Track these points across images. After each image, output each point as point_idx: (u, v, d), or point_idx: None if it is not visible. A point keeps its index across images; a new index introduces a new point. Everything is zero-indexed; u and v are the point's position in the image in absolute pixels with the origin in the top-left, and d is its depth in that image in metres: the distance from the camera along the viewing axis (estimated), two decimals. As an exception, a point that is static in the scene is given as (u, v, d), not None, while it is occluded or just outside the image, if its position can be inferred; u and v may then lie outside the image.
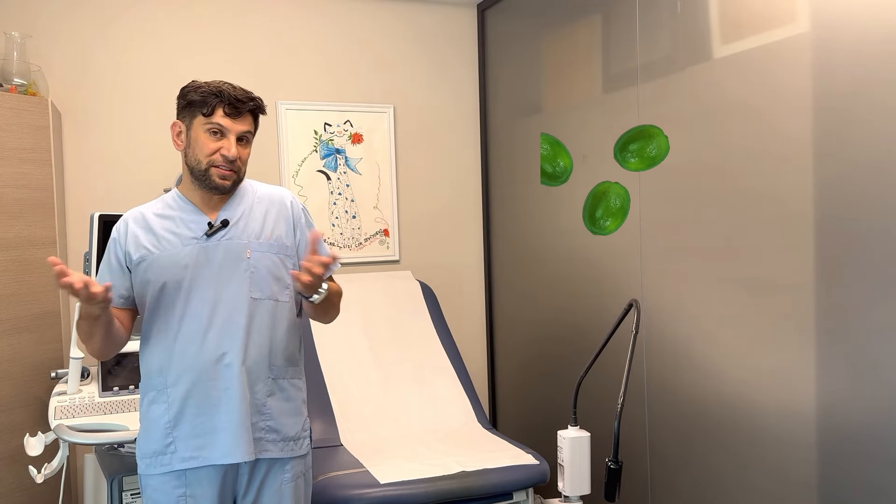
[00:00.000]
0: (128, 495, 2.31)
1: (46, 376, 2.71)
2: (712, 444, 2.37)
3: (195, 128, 1.83)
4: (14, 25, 2.93)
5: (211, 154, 1.81)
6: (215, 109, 1.80)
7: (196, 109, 1.82)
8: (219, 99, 1.80)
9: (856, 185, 1.89)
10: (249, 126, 1.86)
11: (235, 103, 1.81)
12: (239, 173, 1.86)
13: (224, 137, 1.82)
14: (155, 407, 1.86)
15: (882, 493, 1.86)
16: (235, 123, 1.82)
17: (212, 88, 1.81)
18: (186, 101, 1.83)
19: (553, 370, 3.20)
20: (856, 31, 1.87)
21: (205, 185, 1.84)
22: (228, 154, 1.81)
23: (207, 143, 1.81)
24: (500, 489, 2.44)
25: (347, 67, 3.48)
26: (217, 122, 1.80)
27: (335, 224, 3.47)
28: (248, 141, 1.87)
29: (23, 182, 2.64)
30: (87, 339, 1.81)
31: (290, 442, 1.91)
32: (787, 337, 2.10)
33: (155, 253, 1.84)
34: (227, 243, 1.86)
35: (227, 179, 1.84)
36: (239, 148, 1.83)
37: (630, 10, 2.63)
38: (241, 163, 1.85)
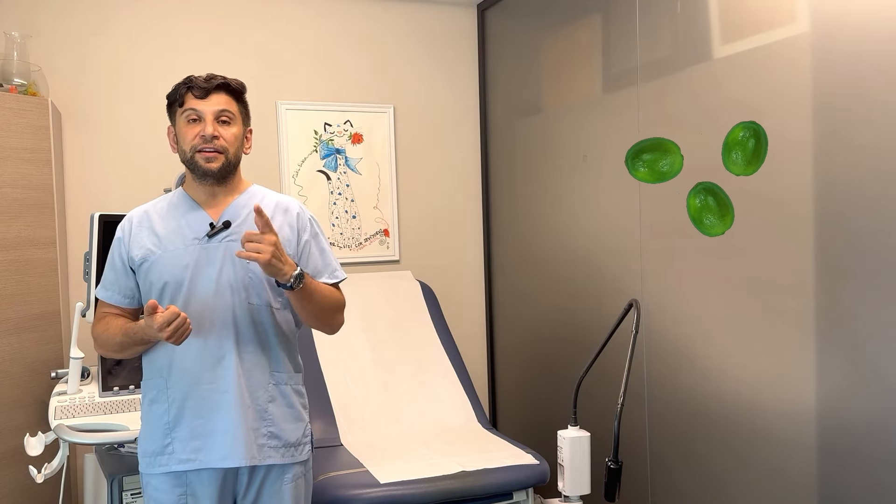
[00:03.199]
0: (128, 495, 2.31)
1: (46, 376, 2.71)
2: (712, 444, 2.37)
3: (178, 123, 1.86)
4: (14, 25, 2.93)
5: (192, 140, 1.82)
6: (185, 97, 1.83)
7: (174, 105, 1.87)
8: (187, 86, 1.84)
9: (856, 186, 1.89)
10: (225, 105, 1.84)
11: (202, 84, 1.83)
12: (226, 154, 1.83)
13: (202, 121, 1.82)
14: (155, 407, 1.86)
15: (882, 493, 1.86)
16: (207, 103, 1.82)
17: (181, 81, 1.86)
18: (167, 103, 1.89)
19: (553, 370, 3.20)
20: (856, 31, 1.87)
21: (197, 175, 1.84)
22: (205, 133, 1.80)
23: (188, 132, 1.83)
24: (500, 489, 2.44)
25: (347, 67, 3.48)
26: (190, 107, 1.82)
27: (335, 224, 3.47)
28: (231, 121, 1.85)
29: (23, 182, 2.64)
30: (117, 351, 1.86)
31: (291, 448, 1.90)
32: (787, 337, 2.10)
33: (157, 253, 1.84)
34: (228, 245, 1.85)
35: (212, 162, 1.82)
36: (219, 127, 1.83)
37: (630, 10, 2.63)
38: (225, 142, 1.83)
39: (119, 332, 1.83)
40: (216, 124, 1.82)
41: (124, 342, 1.83)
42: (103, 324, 1.89)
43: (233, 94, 1.87)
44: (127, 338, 1.81)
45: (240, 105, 1.89)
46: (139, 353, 1.89)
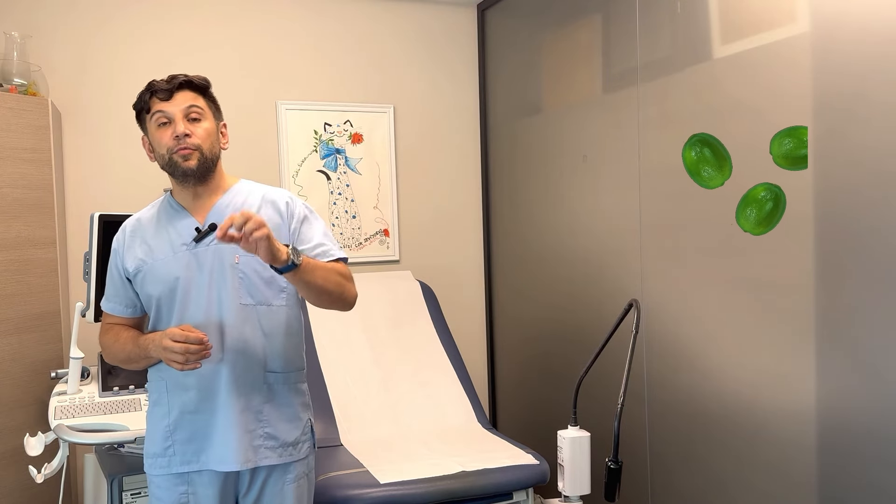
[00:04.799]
0: (128, 495, 2.30)
1: (46, 376, 2.71)
2: (712, 444, 2.37)
3: (150, 130, 1.84)
4: (14, 25, 2.93)
5: (167, 142, 1.80)
6: (151, 102, 1.82)
7: (142, 114, 1.85)
8: (151, 91, 1.82)
9: (856, 185, 1.89)
10: (192, 101, 1.82)
11: (164, 86, 1.81)
12: (202, 151, 1.81)
13: (172, 122, 1.80)
14: (157, 409, 1.87)
15: (882, 493, 1.86)
16: (172, 104, 1.80)
17: (143, 88, 1.84)
18: (135, 113, 1.87)
19: (553, 370, 3.20)
20: (856, 31, 1.87)
21: (178, 177, 1.82)
22: (177, 132, 1.78)
23: (161, 135, 1.81)
24: (500, 489, 2.44)
25: (347, 67, 3.48)
26: (156, 110, 1.80)
27: (335, 224, 3.47)
28: (200, 117, 1.82)
29: (23, 182, 2.64)
30: (124, 361, 1.88)
31: (290, 447, 1.90)
32: (787, 337, 2.10)
33: (149, 263, 1.84)
34: (216, 248, 1.84)
35: (189, 159, 1.79)
36: (189, 125, 1.80)
37: (630, 10, 2.63)
38: (198, 139, 1.80)
39: (130, 343, 1.84)
40: (186, 122, 1.80)
41: (132, 354, 1.83)
42: (112, 334, 1.89)
43: (198, 90, 1.85)
44: (138, 348, 1.81)
45: (207, 100, 1.86)
46: (144, 367, 1.89)
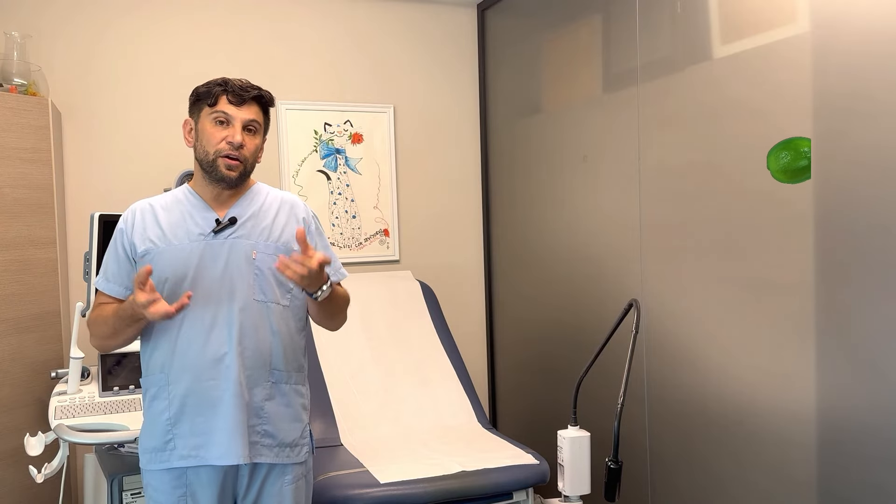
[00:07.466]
0: (128, 495, 2.31)
1: (46, 376, 2.71)
2: (712, 444, 2.37)
3: (202, 120, 1.84)
4: (14, 25, 2.93)
5: (218, 143, 1.82)
6: (219, 98, 1.82)
7: (202, 102, 1.84)
8: (222, 88, 1.82)
9: (856, 185, 1.89)
10: (255, 115, 1.85)
11: (239, 91, 1.83)
12: (246, 164, 1.85)
13: (230, 126, 1.82)
14: (157, 403, 1.86)
15: (882, 493, 1.86)
16: (240, 111, 1.82)
17: (217, 80, 1.85)
18: (195, 97, 1.87)
19: (553, 370, 3.20)
20: (856, 31, 1.87)
21: (213, 177, 1.84)
22: (234, 140, 1.80)
23: (214, 133, 1.82)
24: (500, 489, 2.44)
25: (347, 67, 3.49)
26: (221, 109, 1.82)
27: (335, 224, 3.47)
28: (256, 131, 1.86)
29: (23, 182, 2.64)
30: (110, 336, 1.83)
31: (287, 448, 1.89)
32: (787, 337, 2.10)
33: (160, 247, 1.84)
34: (233, 242, 1.86)
35: (233, 170, 1.83)
36: (245, 136, 1.84)
37: (630, 10, 2.63)
38: (247, 152, 1.84)
39: (111, 314, 1.82)
40: (244, 133, 1.84)
41: (116, 324, 1.80)
42: (98, 311, 1.87)
43: (262, 106, 1.89)
44: (118, 319, 1.79)
45: (265, 117, 1.91)
46: (132, 338, 1.85)
